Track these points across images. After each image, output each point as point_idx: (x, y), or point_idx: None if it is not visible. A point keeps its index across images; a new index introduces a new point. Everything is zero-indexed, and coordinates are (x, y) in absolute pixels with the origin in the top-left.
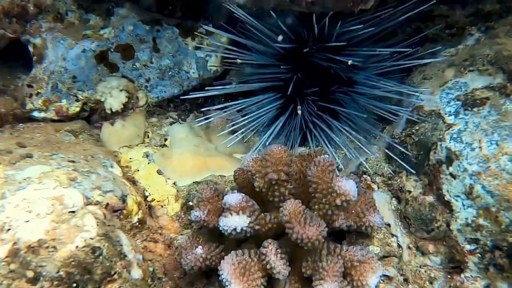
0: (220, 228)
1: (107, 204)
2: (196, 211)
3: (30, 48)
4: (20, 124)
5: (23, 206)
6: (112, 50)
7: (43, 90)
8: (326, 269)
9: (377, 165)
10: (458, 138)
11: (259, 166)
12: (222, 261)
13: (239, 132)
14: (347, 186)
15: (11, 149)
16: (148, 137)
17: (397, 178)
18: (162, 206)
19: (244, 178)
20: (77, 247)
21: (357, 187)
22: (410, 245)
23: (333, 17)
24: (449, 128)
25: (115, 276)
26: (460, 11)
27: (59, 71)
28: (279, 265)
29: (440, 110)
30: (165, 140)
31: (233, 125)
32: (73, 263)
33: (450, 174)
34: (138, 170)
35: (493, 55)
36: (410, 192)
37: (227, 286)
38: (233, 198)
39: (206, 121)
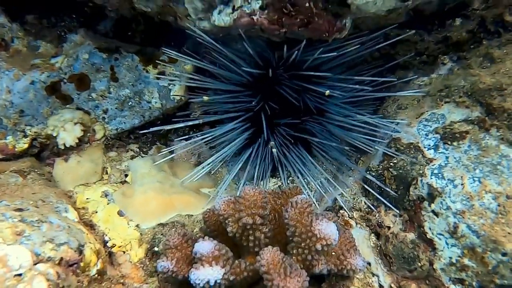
0: (191, 282)
1: (61, 259)
2: (163, 261)
3: None
4: None
5: None
6: (65, 80)
7: None
8: None
9: (354, 198)
10: (439, 174)
11: (232, 209)
12: None
13: (206, 164)
14: (328, 230)
15: None
16: (107, 173)
17: (375, 213)
18: (124, 252)
19: (215, 221)
20: None
21: (337, 229)
22: (392, 285)
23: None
24: (429, 163)
25: None
26: (428, 37)
27: (4, 105)
28: None
29: (419, 143)
30: (126, 176)
31: (199, 157)
32: None
33: (433, 211)
34: (96, 212)
35: (469, 87)
36: (389, 228)
37: None
38: (205, 247)
39: (170, 155)
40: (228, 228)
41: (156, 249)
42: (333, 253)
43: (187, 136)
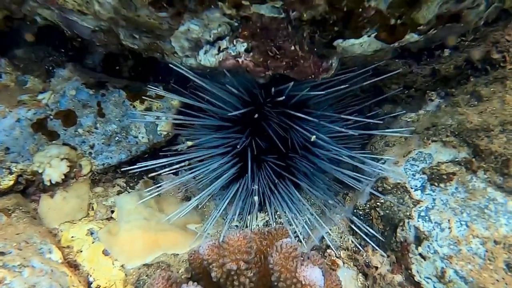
0: None
1: None
2: None
3: None
4: None
5: None
6: (51, 117)
7: None
8: None
9: (341, 237)
10: (426, 217)
11: (216, 254)
12: None
13: (192, 201)
14: (313, 276)
15: None
16: (93, 209)
17: (363, 252)
18: None
19: (200, 263)
20: None
21: (323, 274)
22: None
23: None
24: (416, 205)
25: None
26: (417, 68)
27: None
28: None
29: (406, 184)
30: (112, 212)
31: (186, 191)
32: None
33: (420, 254)
34: (81, 251)
35: (456, 127)
36: (377, 268)
37: None
38: None
39: (157, 190)
40: (212, 274)
41: None
42: None
43: (174, 171)
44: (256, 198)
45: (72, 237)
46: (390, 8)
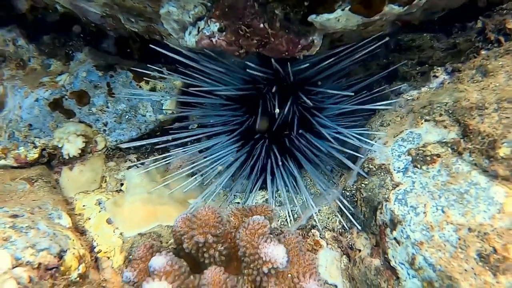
0: None
1: (39, 264)
2: (126, 271)
3: None
4: None
5: None
6: (66, 97)
7: (2, 138)
8: None
9: (328, 218)
10: (403, 200)
11: (187, 227)
12: None
13: (198, 175)
14: (275, 253)
15: None
16: (105, 181)
17: (347, 234)
18: (108, 258)
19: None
20: None
21: (286, 252)
22: None
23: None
24: (395, 188)
25: None
26: (439, 43)
27: (16, 119)
28: None
29: (390, 165)
30: (121, 185)
31: (192, 167)
32: None
33: (395, 239)
34: (89, 219)
35: (451, 105)
36: (360, 251)
37: None
38: (158, 261)
39: (161, 163)
40: (184, 245)
41: (131, 257)
42: (289, 275)
43: (180, 149)
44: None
45: (84, 205)
46: None
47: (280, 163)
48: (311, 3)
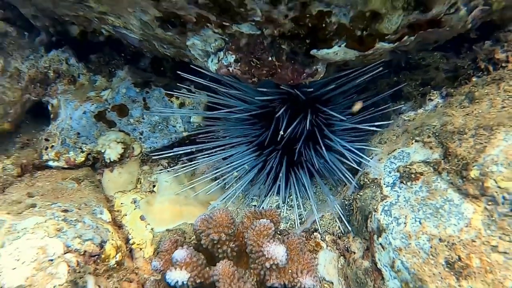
0: (166, 281)
1: (85, 251)
2: (155, 261)
3: (49, 108)
4: (38, 172)
5: (14, 255)
6: (109, 110)
7: (55, 144)
8: None
9: (330, 223)
10: (388, 211)
11: (205, 226)
12: None
13: (220, 179)
14: (275, 251)
15: (22, 199)
16: (140, 183)
17: (345, 238)
18: (140, 249)
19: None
20: None
21: (286, 252)
22: None
23: None
24: (383, 200)
25: None
26: (445, 64)
27: (67, 128)
28: None
29: (381, 180)
30: (154, 186)
31: (215, 173)
32: None
33: (380, 244)
34: (126, 215)
35: (438, 127)
36: (354, 253)
37: None
38: (180, 254)
39: (187, 168)
40: (201, 241)
41: (159, 250)
42: (289, 271)
43: (208, 155)
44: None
45: (121, 203)
46: (353, 22)
47: (291, 172)
48: (312, 40)
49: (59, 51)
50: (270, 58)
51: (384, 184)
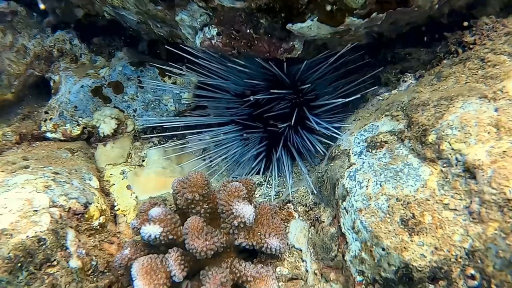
0: (141, 235)
1: (69, 208)
2: (133, 220)
3: (51, 83)
4: (36, 142)
5: (2, 204)
6: (105, 86)
7: (54, 116)
8: (210, 278)
9: (304, 195)
10: (353, 176)
11: (181, 187)
12: (134, 262)
13: (207, 158)
14: (244, 210)
15: (16, 161)
16: (131, 157)
17: (316, 209)
18: (124, 215)
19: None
20: (27, 236)
21: (254, 212)
22: (316, 271)
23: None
24: (349, 167)
25: (54, 263)
26: (425, 56)
27: (66, 101)
28: (175, 269)
29: (350, 150)
30: (143, 161)
31: (203, 152)
32: (20, 248)
33: (344, 208)
34: (114, 184)
35: (406, 102)
36: (323, 222)
37: (133, 281)
38: (155, 211)
39: (174, 145)
40: (177, 202)
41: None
42: (259, 233)
43: (196, 132)
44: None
45: (111, 174)
46: None
47: (273, 152)
48: (287, 14)
49: (64, 32)
50: (248, 31)
51: (352, 153)
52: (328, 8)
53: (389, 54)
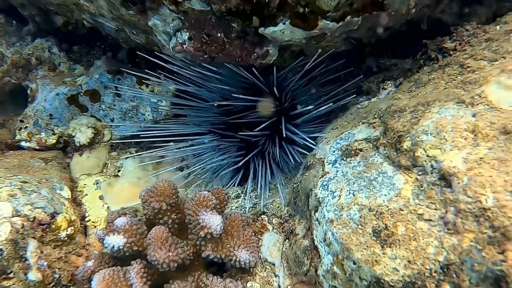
0: (104, 245)
1: (34, 218)
2: (99, 231)
3: (28, 91)
4: (10, 152)
5: None
6: (81, 94)
7: (29, 125)
8: None
9: (279, 207)
10: (326, 186)
11: (149, 196)
12: (95, 274)
13: (185, 169)
14: (211, 220)
15: None
16: (106, 167)
17: (291, 220)
18: (95, 227)
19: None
20: None
21: (221, 222)
22: (289, 287)
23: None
24: (323, 176)
25: (11, 275)
26: (408, 66)
27: (41, 109)
28: (136, 282)
29: (325, 159)
30: (119, 171)
31: (181, 162)
32: None
33: (317, 219)
34: (87, 195)
35: (384, 109)
36: (298, 234)
37: None
38: (120, 220)
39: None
40: (144, 211)
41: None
42: (228, 246)
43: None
44: None
45: (85, 184)
46: None
47: (251, 162)
48: (259, 18)
49: (43, 40)
50: (219, 34)
51: (327, 161)
52: (300, 10)
53: (373, 64)
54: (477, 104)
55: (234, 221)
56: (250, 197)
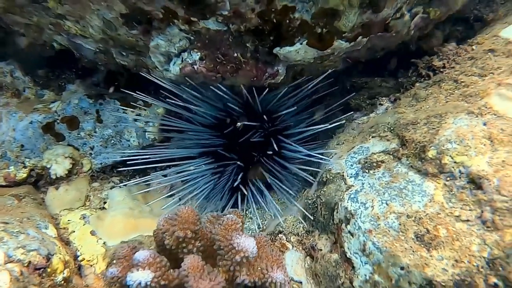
0: (127, 283)
1: (29, 262)
2: (111, 268)
3: None
4: None
5: None
6: (58, 121)
7: None
8: None
9: (293, 225)
10: (354, 198)
11: (169, 225)
12: None
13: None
14: (245, 243)
15: None
16: (89, 200)
17: (310, 237)
18: (91, 265)
19: (160, 236)
20: None
21: (255, 244)
22: None
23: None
24: (348, 189)
25: None
26: (387, 84)
27: (9, 140)
28: None
29: (344, 173)
30: (104, 203)
31: (171, 189)
32: None
33: (349, 232)
34: (74, 231)
35: (392, 123)
36: (321, 250)
37: None
38: (141, 254)
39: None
40: (165, 242)
41: (114, 257)
42: (259, 268)
43: (161, 170)
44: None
45: (69, 220)
46: (314, 18)
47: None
48: (275, 38)
49: (3, 63)
50: (235, 54)
51: (348, 175)
52: (318, 31)
53: (347, 83)
54: (485, 114)
55: (260, 242)
56: (251, 219)
